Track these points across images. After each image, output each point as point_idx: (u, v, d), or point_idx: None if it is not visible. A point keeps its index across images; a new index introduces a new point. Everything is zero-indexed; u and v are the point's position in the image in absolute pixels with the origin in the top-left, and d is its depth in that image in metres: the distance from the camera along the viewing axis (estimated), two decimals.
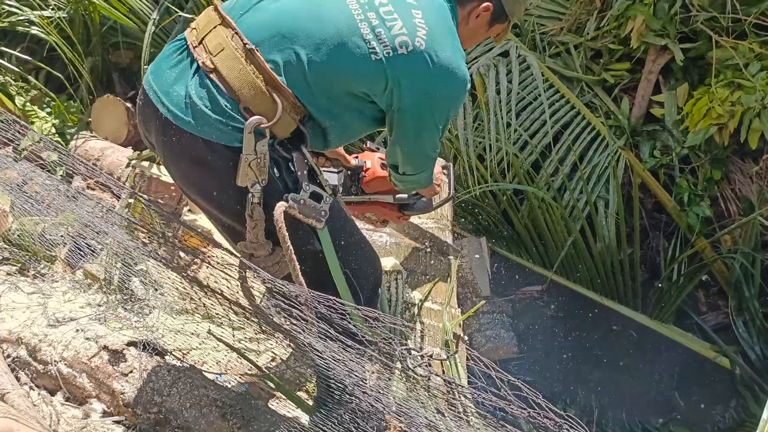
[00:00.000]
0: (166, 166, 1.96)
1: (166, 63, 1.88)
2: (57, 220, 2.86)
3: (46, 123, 4.28)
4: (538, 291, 4.22)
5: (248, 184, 1.76)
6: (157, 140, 1.88)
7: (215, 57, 1.77)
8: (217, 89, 1.76)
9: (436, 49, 1.75)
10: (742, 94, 3.63)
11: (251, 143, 1.74)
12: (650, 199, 4.31)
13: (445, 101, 1.84)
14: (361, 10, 1.75)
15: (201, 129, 1.76)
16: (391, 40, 1.73)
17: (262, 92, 1.74)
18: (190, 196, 2.02)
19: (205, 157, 1.79)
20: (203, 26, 1.85)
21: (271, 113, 1.75)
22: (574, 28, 4.37)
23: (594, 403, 3.72)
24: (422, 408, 1.75)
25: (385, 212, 2.47)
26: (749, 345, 3.79)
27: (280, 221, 1.75)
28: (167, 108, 1.79)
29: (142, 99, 1.90)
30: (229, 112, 1.76)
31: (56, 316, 2.44)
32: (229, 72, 1.75)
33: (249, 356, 2.30)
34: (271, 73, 1.74)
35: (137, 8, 4.31)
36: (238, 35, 1.78)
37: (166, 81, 1.83)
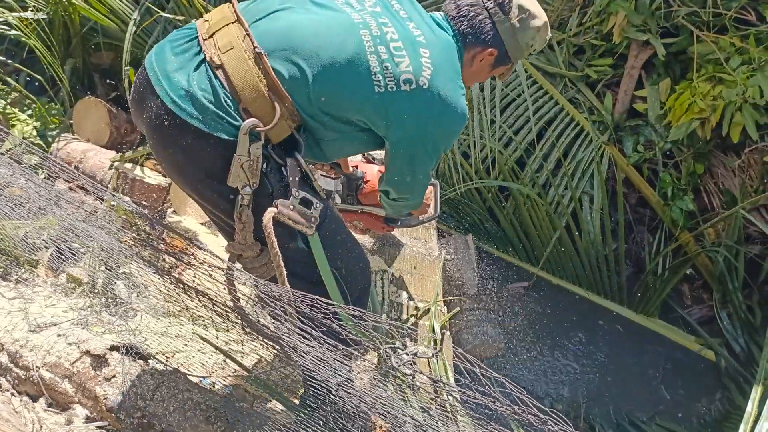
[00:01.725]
0: (153, 149, 1.95)
1: (171, 47, 1.89)
2: (39, 224, 2.83)
3: (27, 126, 4.23)
4: (524, 287, 4.23)
5: (239, 185, 1.77)
6: (149, 124, 1.87)
7: (223, 54, 1.79)
8: (220, 85, 1.78)
9: (438, 88, 1.81)
10: (723, 88, 3.66)
11: (245, 145, 1.75)
12: (634, 194, 4.33)
13: (442, 136, 1.91)
14: (372, 42, 1.80)
15: (196, 118, 1.76)
16: (397, 76, 1.78)
17: (263, 96, 1.76)
18: (176, 182, 2.02)
19: (196, 146, 1.79)
20: (216, 21, 1.87)
21: (269, 118, 1.77)
22: (557, 24, 4.38)
23: (581, 398, 3.73)
24: (408, 407, 1.74)
25: (371, 223, 2.52)
26: (733, 337, 3.81)
27: (268, 227, 1.76)
28: (166, 92, 1.79)
29: (141, 79, 1.89)
30: (227, 108, 1.77)
31: (38, 321, 2.41)
32: (235, 71, 1.77)
33: (234, 358, 2.29)
34: (275, 80, 1.77)
35: (118, 9, 4.27)
36: (249, 37, 1.80)
37: (169, 65, 1.84)
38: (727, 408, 3.64)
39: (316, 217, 1.85)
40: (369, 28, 1.81)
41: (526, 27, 1.97)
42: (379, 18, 1.84)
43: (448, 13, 1.98)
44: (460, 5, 1.96)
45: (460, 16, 1.95)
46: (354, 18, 1.83)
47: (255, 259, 1.87)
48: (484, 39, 1.96)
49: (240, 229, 1.82)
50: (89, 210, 2.69)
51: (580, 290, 4.14)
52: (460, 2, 1.97)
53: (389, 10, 1.89)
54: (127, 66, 3.93)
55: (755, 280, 3.95)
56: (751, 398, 2.86)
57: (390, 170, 1.98)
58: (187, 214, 3.73)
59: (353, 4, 1.88)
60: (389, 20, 1.84)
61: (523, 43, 2.00)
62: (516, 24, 1.95)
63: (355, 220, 2.52)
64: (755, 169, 3.95)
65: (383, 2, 1.90)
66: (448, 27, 1.95)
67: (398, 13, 1.89)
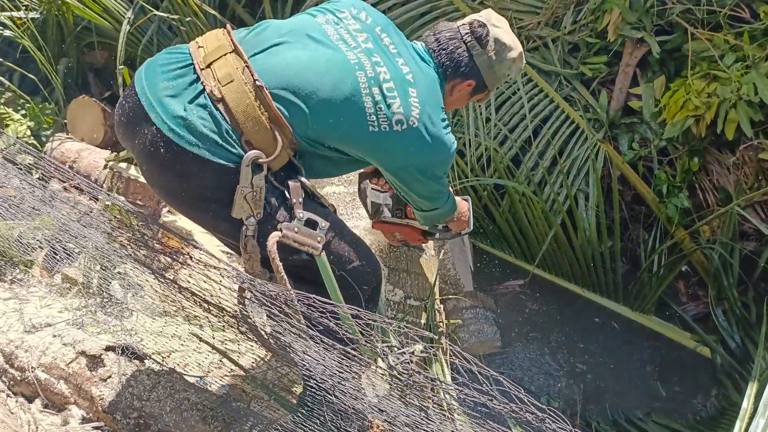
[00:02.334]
0: (146, 175, 1.93)
1: (163, 71, 1.86)
2: (34, 224, 2.82)
3: (21, 125, 4.22)
4: (520, 285, 4.23)
5: (243, 216, 1.78)
6: (141, 149, 1.84)
7: (224, 87, 1.79)
8: (222, 118, 1.78)
9: (426, 125, 1.89)
10: (718, 85, 3.66)
11: (248, 176, 1.76)
12: (629, 192, 4.33)
13: (433, 165, 1.99)
14: (367, 84, 1.85)
15: (195, 145, 1.76)
16: (390, 117, 1.85)
17: (266, 129, 1.78)
18: (174, 206, 2.01)
19: (194, 172, 1.78)
20: (212, 49, 1.85)
21: (271, 149, 1.79)
22: (551, 22, 4.38)
23: (577, 395, 3.73)
24: (405, 406, 1.74)
25: (411, 235, 2.58)
26: (729, 334, 3.82)
27: (273, 252, 1.77)
28: (160, 118, 1.78)
29: (130, 102, 1.86)
30: (229, 139, 1.78)
31: (33, 322, 2.40)
32: (237, 105, 1.78)
33: (231, 357, 2.28)
34: (277, 112, 1.79)
35: (111, 8, 4.25)
36: (249, 69, 1.81)
37: (162, 90, 1.82)
38: (723, 404, 3.65)
39: (322, 237, 1.87)
40: (364, 70, 1.86)
41: (502, 59, 2.06)
42: (372, 56, 1.89)
43: (428, 45, 2.05)
44: (440, 39, 2.04)
45: (440, 49, 2.03)
46: (350, 58, 1.87)
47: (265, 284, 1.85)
48: (463, 71, 2.04)
49: (246, 260, 1.83)
50: (84, 210, 2.69)
51: (576, 288, 4.15)
52: (439, 35, 2.04)
53: (380, 45, 1.93)
54: (121, 65, 3.92)
55: (750, 276, 3.96)
56: (747, 395, 2.87)
57: (401, 190, 2.08)
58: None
59: (347, 40, 1.91)
60: (381, 59, 1.90)
61: (501, 74, 2.09)
62: (493, 57, 2.04)
63: (395, 232, 2.58)
64: (750, 166, 3.95)
65: (374, 37, 1.94)
66: (430, 60, 2.02)
67: (388, 48, 1.94)
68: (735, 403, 3.45)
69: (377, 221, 2.55)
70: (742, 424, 2.68)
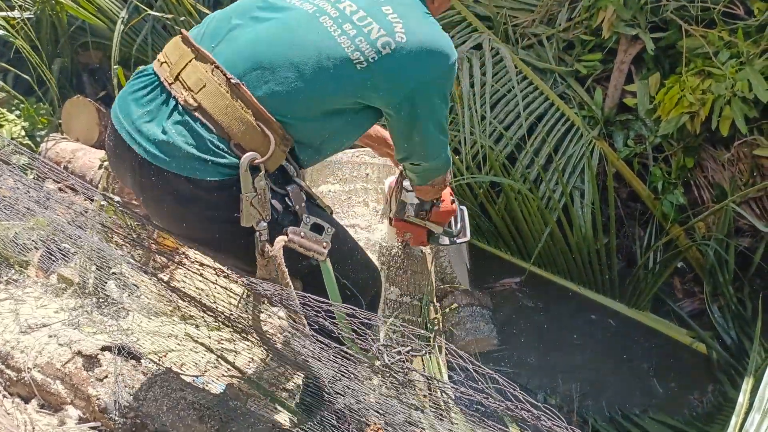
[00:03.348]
0: (147, 209, 1.85)
1: (134, 99, 1.77)
2: (29, 225, 2.82)
3: (15, 126, 4.21)
4: (516, 283, 4.24)
5: (253, 223, 1.69)
6: (134, 182, 1.77)
7: (197, 94, 1.68)
8: (203, 127, 1.67)
9: (417, 37, 1.72)
10: (712, 82, 3.67)
11: (248, 181, 1.66)
12: (625, 189, 4.34)
13: (440, 80, 1.80)
14: (335, 25, 1.71)
15: (183, 167, 1.66)
16: (373, 44, 1.69)
17: (253, 127, 1.67)
18: (180, 238, 1.91)
19: (193, 193, 1.69)
20: (176, 61, 1.75)
21: (264, 148, 1.68)
22: (546, 19, 4.39)
23: (574, 392, 3.74)
24: (401, 405, 1.74)
25: (419, 237, 2.55)
26: (725, 330, 3.84)
27: (279, 257, 1.69)
28: (143, 147, 1.68)
29: (113, 139, 1.79)
30: (215, 150, 1.66)
31: (29, 322, 2.40)
32: (215, 109, 1.67)
33: (227, 357, 2.28)
34: (260, 107, 1.67)
35: (105, 7, 4.25)
36: (218, 69, 1.69)
37: (138, 119, 1.72)
38: (719, 400, 3.66)
39: (327, 243, 1.78)
40: (326, 13, 1.72)
41: None
42: None
43: None
44: None
45: None
46: (307, 9, 1.74)
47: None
48: None
49: (264, 265, 1.73)
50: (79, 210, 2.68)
51: (572, 285, 4.15)
52: None
53: None
54: (115, 65, 3.92)
55: (746, 272, 3.97)
56: (743, 390, 2.88)
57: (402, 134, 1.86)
58: None
59: None
60: None
61: None
62: None
63: (407, 232, 2.56)
64: (745, 163, 3.97)
65: None
66: None
67: None
68: (731, 398, 3.46)
69: (399, 219, 2.55)
70: (737, 420, 2.69)
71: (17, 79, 4.38)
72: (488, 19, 4.46)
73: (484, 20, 4.46)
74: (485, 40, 4.33)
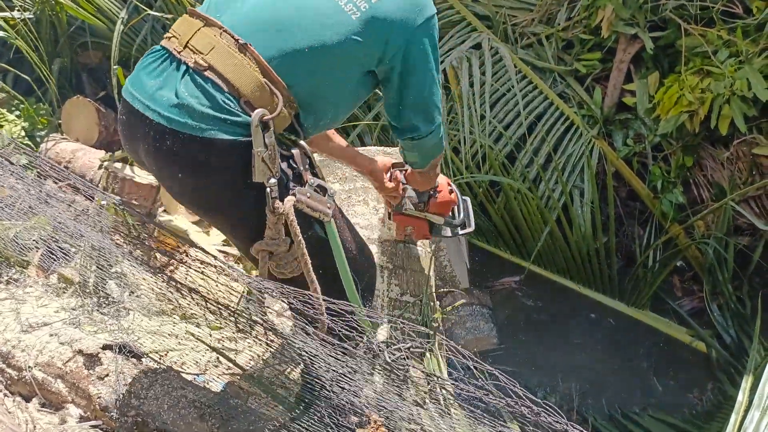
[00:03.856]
0: (161, 181, 1.89)
1: (146, 73, 1.83)
2: (29, 224, 2.82)
3: (15, 126, 4.21)
4: (516, 282, 4.24)
5: (264, 179, 1.74)
6: (148, 152, 1.81)
7: (207, 55, 1.75)
8: (214, 86, 1.73)
9: None
10: (711, 81, 3.68)
11: (260, 137, 1.72)
12: (624, 188, 4.35)
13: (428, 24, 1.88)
14: None
15: (198, 127, 1.71)
16: None
17: (262, 86, 1.74)
18: (194, 207, 1.96)
19: (206, 158, 1.74)
20: (184, 32, 1.82)
21: (272, 107, 1.75)
22: (545, 18, 4.39)
23: (574, 390, 3.75)
24: (402, 401, 1.75)
25: (420, 230, 2.58)
26: (724, 328, 3.84)
27: (291, 215, 1.75)
28: (158, 113, 1.74)
29: (125, 112, 1.84)
30: (228, 107, 1.73)
31: (30, 322, 2.40)
32: (225, 67, 1.74)
33: (228, 355, 2.29)
34: (267, 66, 1.75)
35: (105, 7, 4.25)
36: (226, 32, 1.76)
37: (151, 88, 1.78)
38: (718, 398, 3.67)
39: (331, 203, 1.85)
40: None
41: None
42: None
43: None
44: None
45: None
46: None
47: (286, 255, 1.83)
48: None
49: (273, 223, 1.77)
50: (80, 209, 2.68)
51: (572, 284, 4.16)
52: None
53: None
54: (115, 65, 3.92)
55: (745, 271, 3.97)
56: (742, 388, 2.88)
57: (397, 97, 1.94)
58: (178, 212, 3.72)
59: None
60: None
61: None
62: None
63: (409, 226, 2.59)
64: (744, 161, 3.97)
65: None
66: None
67: None
68: (730, 396, 3.46)
69: (398, 213, 2.56)
70: (737, 418, 2.69)
71: (17, 79, 4.38)
72: (487, 18, 4.46)
73: (483, 20, 4.47)
74: (484, 40, 4.33)
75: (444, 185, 2.50)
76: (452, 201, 2.52)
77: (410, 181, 2.44)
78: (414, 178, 2.39)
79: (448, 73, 4.26)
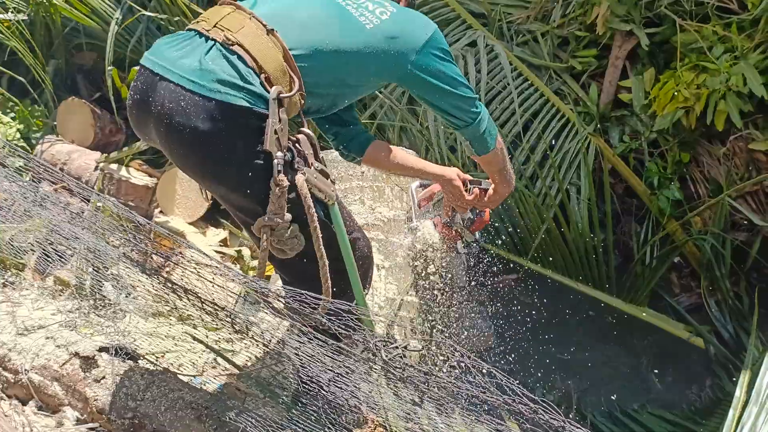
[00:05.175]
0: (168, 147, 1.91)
1: (169, 46, 1.90)
2: (25, 227, 2.81)
3: (10, 128, 4.20)
4: (513, 279, 4.24)
5: (273, 150, 1.79)
6: (160, 118, 1.83)
7: (236, 33, 1.84)
8: (239, 59, 1.82)
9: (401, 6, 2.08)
10: (707, 76, 3.68)
11: (276, 110, 1.79)
12: (621, 184, 4.35)
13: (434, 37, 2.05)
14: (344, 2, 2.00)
15: (217, 90, 1.78)
16: (373, 12, 1.98)
17: (283, 69, 1.84)
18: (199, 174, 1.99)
19: (220, 120, 1.79)
20: (213, 16, 1.91)
21: (289, 88, 1.85)
22: (541, 16, 4.39)
23: (572, 388, 3.75)
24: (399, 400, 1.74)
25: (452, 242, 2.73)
26: (722, 324, 3.85)
27: (304, 189, 1.81)
28: (178, 74, 1.81)
29: (142, 78, 1.89)
30: (248, 79, 1.80)
31: (26, 324, 2.40)
32: (253, 45, 1.83)
33: (225, 356, 2.28)
34: (289, 53, 1.85)
35: (99, 8, 4.24)
36: (255, 18, 1.87)
37: (173, 55, 1.86)
38: (717, 394, 3.67)
39: (334, 188, 1.94)
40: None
41: None
42: None
43: None
44: None
45: None
46: None
47: (286, 230, 1.85)
48: None
49: (277, 197, 1.81)
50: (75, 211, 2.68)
51: (570, 281, 4.16)
52: None
53: None
54: (110, 66, 3.91)
55: (742, 267, 3.98)
56: (740, 383, 2.89)
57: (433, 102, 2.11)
58: (175, 214, 3.71)
59: None
60: None
61: None
62: None
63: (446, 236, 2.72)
64: (740, 157, 3.98)
65: None
66: None
67: None
68: (728, 392, 3.46)
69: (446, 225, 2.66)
70: (735, 413, 2.70)
71: (12, 81, 4.37)
72: (483, 16, 4.46)
73: (478, 17, 4.46)
74: (480, 38, 4.33)
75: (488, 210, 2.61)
76: (488, 221, 2.65)
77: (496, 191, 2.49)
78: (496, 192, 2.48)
79: None
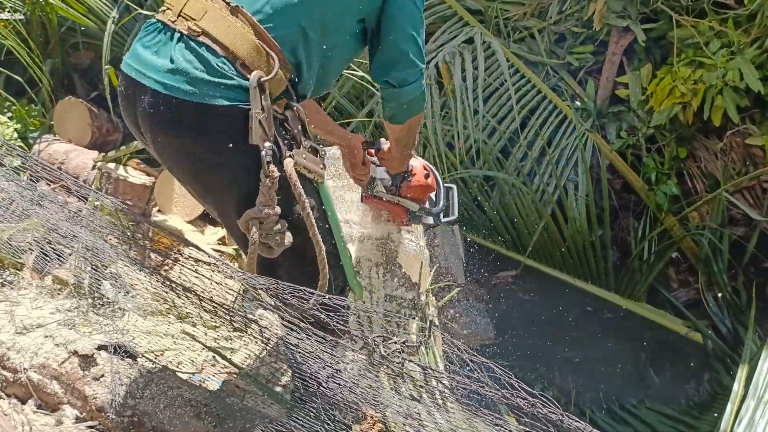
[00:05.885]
0: (157, 150, 1.87)
1: (142, 45, 1.86)
2: (23, 226, 2.81)
3: (7, 128, 4.20)
4: (512, 276, 4.24)
5: (260, 142, 1.74)
6: (144, 120, 1.81)
7: (200, 21, 1.76)
8: (208, 50, 1.74)
9: None
10: (703, 72, 3.69)
11: (257, 99, 1.72)
12: (618, 180, 4.35)
13: None
14: None
15: (193, 92, 1.72)
16: None
17: (257, 47, 1.75)
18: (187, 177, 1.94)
19: (201, 122, 1.74)
20: (176, 3, 1.83)
21: (268, 68, 1.76)
22: (537, 12, 4.39)
23: (571, 383, 3.75)
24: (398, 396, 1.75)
25: (398, 215, 2.52)
26: (720, 319, 3.85)
27: (293, 176, 1.76)
28: (153, 79, 1.75)
29: (124, 84, 1.86)
30: (222, 71, 1.73)
31: (24, 323, 2.40)
32: (219, 31, 1.75)
33: (224, 354, 2.29)
34: (260, 27, 1.76)
35: (96, 7, 4.23)
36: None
37: (145, 56, 1.80)
38: (715, 389, 3.68)
39: (324, 165, 1.88)
40: None
41: None
42: None
43: None
44: None
45: None
46: None
47: (275, 223, 1.80)
48: None
49: (267, 188, 1.76)
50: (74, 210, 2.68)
51: (568, 277, 4.17)
52: None
53: None
54: (106, 65, 3.90)
55: (740, 261, 3.99)
56: (738, 378, 2.90)
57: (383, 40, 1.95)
58: (173, 212, 3.71)
59: None
60: None
61: None
62: None
63: (384, 209, 2.53)
64: (737, 152, 3.98)
65: None
66: None
67: None
68: (727, 387, 3.47)
69: (369, 195, 2.50)
70: (733, 407, 2.71)
71: (9, 80, 4.37)
72: (479, 12, 4.46)
73: (475, 14, 4.46)
74: (477, 34, 4.33)
75: (419, 169, 2.42)
76: (428, 186, 2.43)
77: (384, 161, 2.36)
78: (389, 156, 2.33)
79: (440, 68, 4.25)
